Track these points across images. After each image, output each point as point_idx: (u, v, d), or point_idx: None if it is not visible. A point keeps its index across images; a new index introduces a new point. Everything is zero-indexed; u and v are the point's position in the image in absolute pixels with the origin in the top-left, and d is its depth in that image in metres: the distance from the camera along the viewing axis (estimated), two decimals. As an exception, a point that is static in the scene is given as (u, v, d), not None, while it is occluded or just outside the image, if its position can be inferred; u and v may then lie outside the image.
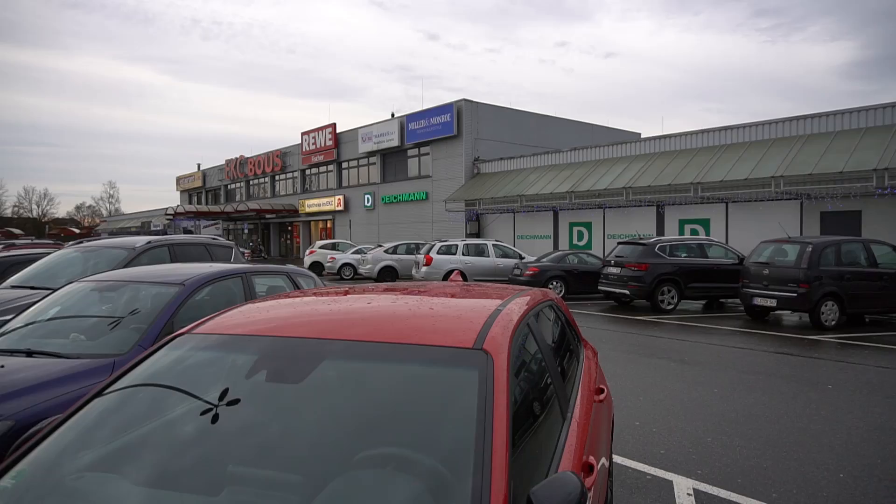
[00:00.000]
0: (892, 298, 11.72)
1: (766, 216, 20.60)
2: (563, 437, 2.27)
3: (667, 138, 24.72)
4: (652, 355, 9.01)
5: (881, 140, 17.93)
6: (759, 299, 11.79)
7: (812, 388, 7.01)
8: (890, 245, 12.32)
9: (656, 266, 13.52)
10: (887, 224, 18.40)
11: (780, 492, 4.19)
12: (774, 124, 21.39)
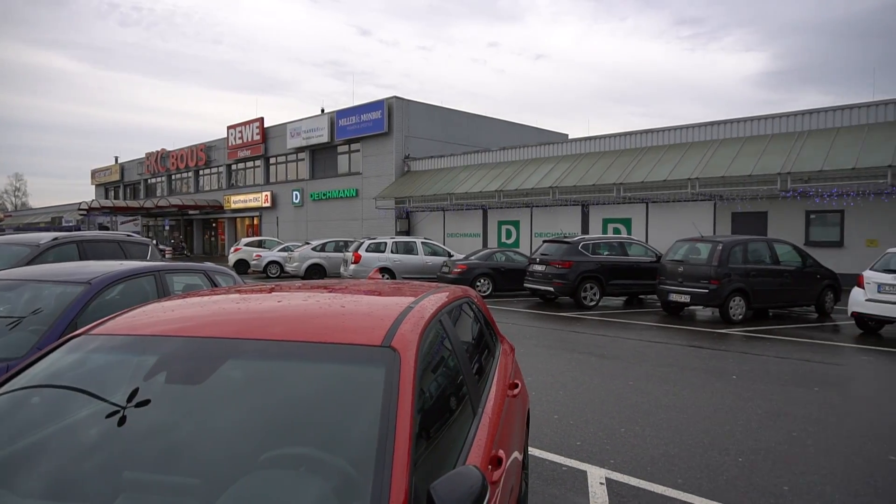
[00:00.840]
0: (793, 294, 12.57)
1: (683, 216, 21.62)
2: (472, 432, 2.32)
3: (592, 140, 25.52)
4: (573, 350, 9.30)
5: (786, 146, 19.17)
6: (674, 295, 12.38)
7: (718, 379, 7.43)
8: (791, 244, 13.19)
9: (579, 264, 13.94)
10: (790, 224, 19.71)
11: (685, 477, 4.42)
12: (692, 129, 22.47)
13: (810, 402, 6.45)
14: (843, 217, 18.85)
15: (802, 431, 5.45)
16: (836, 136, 18.58)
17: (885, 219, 18.14)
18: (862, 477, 4.44)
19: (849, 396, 6.77)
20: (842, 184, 17.57)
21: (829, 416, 5.95)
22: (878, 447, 5.07)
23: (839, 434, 5.40)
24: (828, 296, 12.90)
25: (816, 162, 17.69)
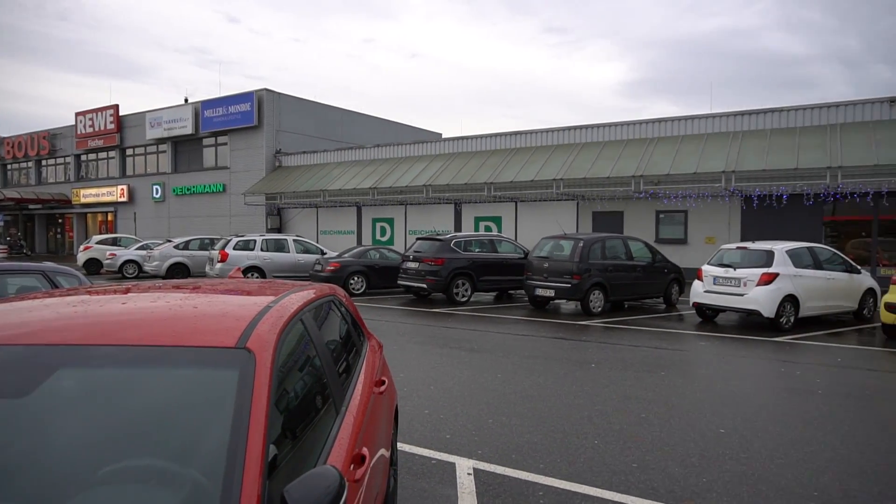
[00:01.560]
0: (645, 287, 13.68)
1: (548, 215, 22.76)
2: (334, 431, 2.29)
3: (465, 140, 26.12)
4: (445, 345, 9.48)
5: (639, 150, 20.76)
6: (540, 290, 13.01)
7: (579, 368, 7.91)
8: (643, 241, 14.34)
9: (452, 261, 14.24)
10: (643, 223, 21.39)
11: (547, 462, 4.66)
12: (557, 132, 23.69)
13: (658, 385, 7.04)
14: (687, 217, 20.77)
15: (650, 413, 5.94)
16: (681, 143, 20.42)
17: (722, 218, 20.23)
18: (697, 450, 4.92)
19: (689, 379, 7.48)
20: (685, 187, 19.34)
21: (672, 397, 6.54)
22: (710, 422, 5.65)
23: (680, 413, 5.94)
24: (674, 288, 14.17)
25: (664, 166, 19.34)
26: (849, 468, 4.59)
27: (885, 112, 18.39)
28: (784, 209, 18.80)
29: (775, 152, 18.18)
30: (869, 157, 16.60)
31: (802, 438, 5.25)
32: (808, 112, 19.45)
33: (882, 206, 18.27)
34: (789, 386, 7.12)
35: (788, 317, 10.79)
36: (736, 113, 20.44)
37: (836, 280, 11.50)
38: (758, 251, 11.21)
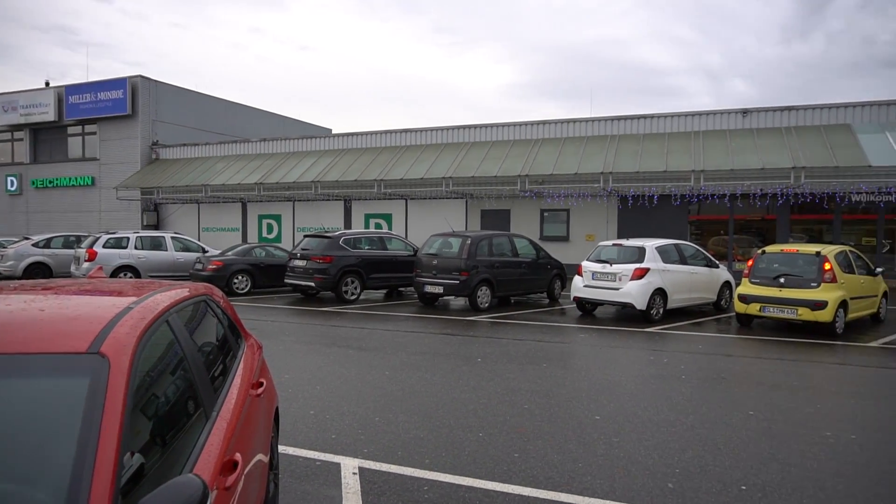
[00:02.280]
0: (530, 283, 14.19)
1: (438, 212, 23.02)
2: (203, 437, 2.18)
3: (356, 136, 25.83)
4: (332, 344, 9.33)
5: (525, 151, 21.49)
6: (429, 287, 13.14)
7: (466, 363, 8.06)
8: (527, 239, 14.87)
9: (340, 258, 14.03)
10: (528, 220, 22.19)
11: (433, 457, 4.71)
12: (447, 130, 24.00)
13: (540, 377, 7.32)
14: (569, 215, 21.80)
15: (533, 403, 6.16)
16: (564, 144, 21.39)
17: (601, 217, 21.42)
18: (574, 437, 5.17)
19: (569, 369, 7.84)
20: (568, 186, 20.27)
21: (553, 387, 6.83)
22: (588, 410, 5.96)
23: (559, 403, 6.22)
24: (556, 283, 14.81)
25: (548, 166, 20.16)
26: (706, 445, 5.01)
27: (739, 122, 20.26)
28: (655, 208, 20.21)
29: (647, 156, 19.49)
30: (726, 162, 18.22)
31: (667, 420, 5.66)
32: (675, 119, 21.02)
33: (737, 206, 20.12)
34: (658, 373, 7.66)
35: (658, 308, 11.62)
36: (613, 118, 21.70)
37: (698, 274, 12.52)
38: (631, 248, 11.97)
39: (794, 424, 5.61)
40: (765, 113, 20.09)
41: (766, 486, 4.24)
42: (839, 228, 19.51)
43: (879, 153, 17.04)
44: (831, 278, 10.06)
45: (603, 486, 4.20)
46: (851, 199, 18.97)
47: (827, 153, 17.48)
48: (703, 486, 4.20)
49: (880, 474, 4.47)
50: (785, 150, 18.14)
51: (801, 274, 10.35)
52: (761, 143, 18.82)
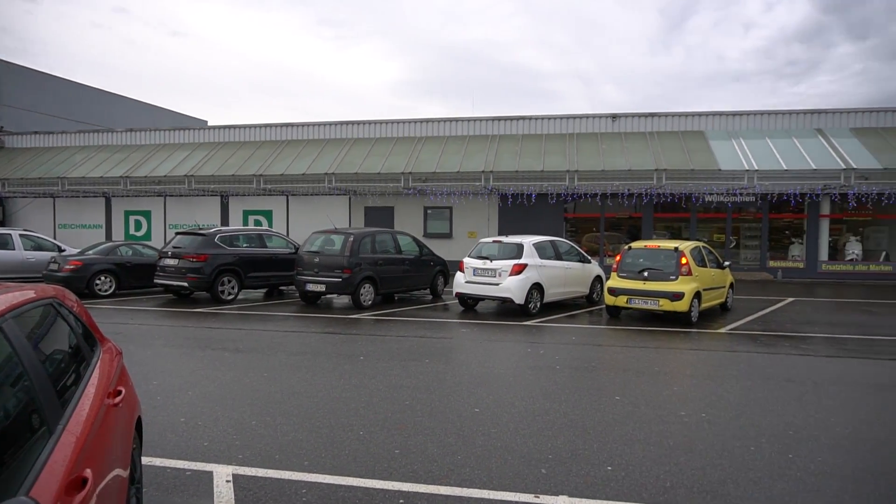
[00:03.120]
0: (413, 280, 14.28)
1: (321, 209, 22.57)
2: (45, 455, 1.98)
3: (234, 129, 24.70)
4: (207, 347, 8.87)
5: (408, 148, 21.58)
6: (311, 285, 12.85)
7: (348, 361, 7.97)
8: (411, 236, 14.95)
9: (216, 257, 13.37)
10: (412, 218, 22.33)
11: (311, 458, 4.61)
12: (330, 126, 23.57)
13: (422, 372, 7.39)
14: (452, 213, 22.19)
15: (414, 399, 6.21)
16: (447, 143, 21.72)
17: (482, 214, 21.99)
18: (454, 430, 5.27)
19: (450, 364, 7.98)
20: (450, 184, 20.60)
21: (434, 382, 6.92)
22: (467, 403, 6.10)
23: (440, 397, 6.31)
24: (439, 280, 15.02)
25: (431, 164, 20.39)
26: (576, 430, 5.30)
27: (609, 126, 21.59)
28: (533, 206, 21.05)
29: (526, 156, 20.26)
30: (598, 163, 19.34)
31: (542, 409, 5.92)
32: (552, 121, 22.01)
33: (607, 205, 21.45)
34: (534, 364, 7.99)
35: (535, 302, 12.11)
36: (494, 118, 22.33)
37: (572, 269, 13.20)
38: (510, 244, 12.38)
39: (654, 407, 6.07)
40: (632, 118, 21.54)
41: (629, 465, 4.55)
42: (695, 226, 21.35)
43: (728, 158, 18.83)
44: (687, 272, 10.98)
45: (481, 476, 4.32)
46: (705, 199, 20.83)
47: (684, 157, 19.05)
48: (573, 470, 4.44)
49: (726, 448, 4.94)
50: (649, 153, 19.56)
51: (661, 268, 11.21)
52: (629, 147, 20.16)
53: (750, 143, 19.55)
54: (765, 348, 9.19)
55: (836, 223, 20.99)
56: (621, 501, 3.95)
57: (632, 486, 4.17)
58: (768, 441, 5.11)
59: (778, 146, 19.24)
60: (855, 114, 20.51)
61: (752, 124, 20.81)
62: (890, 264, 20.32)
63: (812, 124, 20.47)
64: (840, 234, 21.11)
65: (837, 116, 20.52)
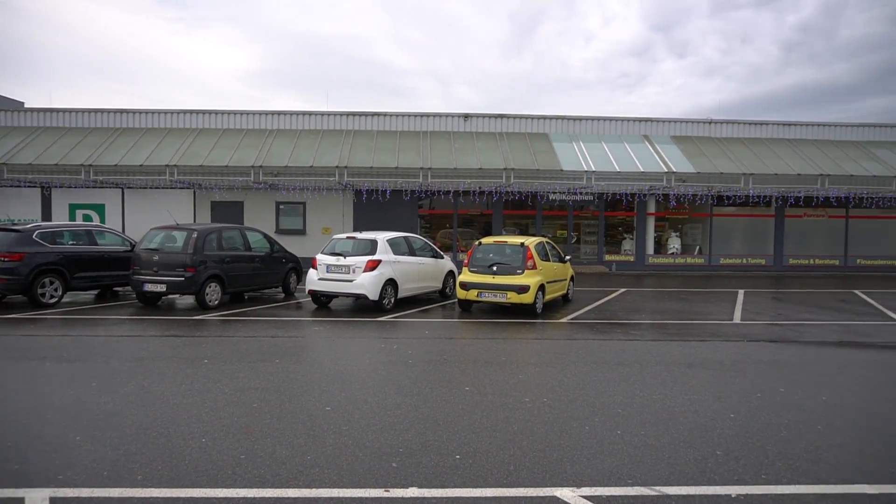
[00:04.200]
0: (264, 277, 13.74)
1: (161, 203, 20.98)
2: None
3: (57, 112, 22.22)
4: (22, 358, 7.89)
5: (259, 141, 20.73)
6: (150, 285, 11.91)
7: (191, 365, 7.49)
8: (261, 232, 14.37)
9: (35, 255, 11.93)
10: (263, 213, 21.51)
11: (146, 472, 4.27)
12: (172, 114, 21.98)
13: (272, 373, 7.14)
14: (306, 208, 21.66)
15: (263, 401, 5.98)
16: (299, 137, 21.14)
17: (337, 210, 21.70)
18: (304, 431, 5.15)
19: (302, 363, 7.79)
20: (304, 179, 20.10)
21: (285, 382, 6.72)
22: (318, 402, 5.99)
23: (291, 398, 6.14)
24: (292, 277, 14.59)
25: (283, 158, 19.74)
26: (427, 423, 5.41)
27: (462, 125, 22.26)
28: (388, 202, 21.15)
29: (381, 152, 20.28)
30: (450, 161, 19.86)
31: (395, 404, 5.98)
32: (406, 119, 22.24)
33: (460, 202, 22.12)
34: (387, 359, 8.04)
35: (390, 298, 12.19)
36: (349, 113, 22.11)
37: (426, 264, 13.44)
38: (364, 240, 12.34)
39: (500, 395, 6.36)
40: (483, 119, 22.37)
41: (476, 452, 4.73)
42: (540, 223, 22.68)
43: (569, 160, 20.21)
44: (532, 266, 11.63)
45: (331, 475, 4.26)
46: (549, 197, 22.20)
47: (530, 157, 20.15)
48: (423, 461, 4.53)
49: (563, 429, 5.30)
50: (499, 153, 20.43)
51: (509, 262, 11.77)
52: (480, 146, 20.92)
53: (588, 147, 21.13)
54: (600, 335, 10.00)
55: (660, 221, 23.35)
56: (468, 488, 4.10)
57: (478, 473, 4.34)
58: (601, 420, 5.56)
59: (612, 150, 20.99)
60: (675, 123, 22.93)
61: (590, 129, 22.50)
62: (703, 257, 23.00)
63: (640, 131, 22.57)
64: (663, 231, 23.51)
65: (661, 125, 22.81)
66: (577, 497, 3.98)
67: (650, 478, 4.30)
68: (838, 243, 23.32)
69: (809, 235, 23.30)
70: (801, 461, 4.67)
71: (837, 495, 4.09)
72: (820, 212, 23.00)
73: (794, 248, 23.19)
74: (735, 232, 23.34)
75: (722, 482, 4.26)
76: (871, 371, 7.83)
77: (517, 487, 4.12)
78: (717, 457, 4.72)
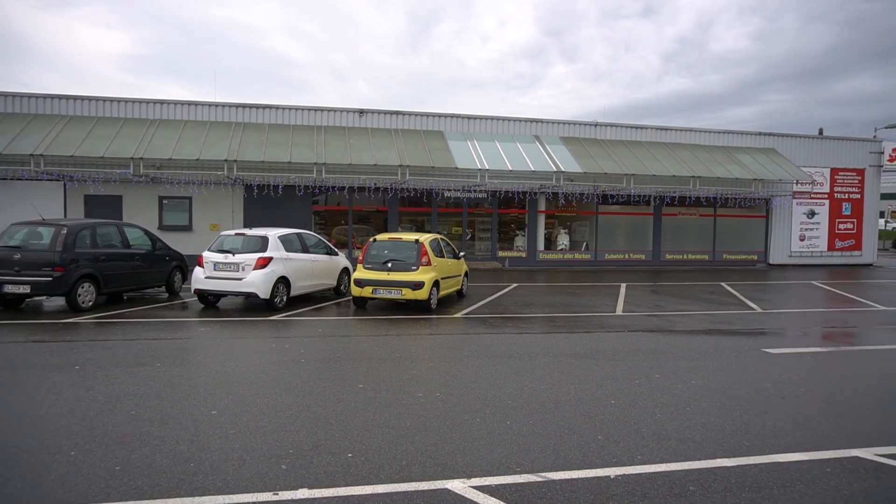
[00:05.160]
0: (145, 276, 12.90)
1: (25, 197, 19.15)
2: None
3: None
4: None
5: (139, 131, 19.41)
6: (11, 287, 10.82)
7: (59, 373, 6.91)
8: (142, 228, 13.49)
9: None
10: (145, 208, 20.20)
11: (3, 491, 3.90)
12: (38, 99, 20.10)
13: (153, 378, 6.73)
14: (192, 203, 20.57)
15: (142, 408, 5.62)
16: (185, 128, 20.00)
17: (226, 206, 20.78)
18: (187, 437, 4.90)
19: (186, 367, 7.40)
20: (190, 173, 19.08)
21: (166, 387, 6.35)
22: (204, 406, 5.72)
23: (172, 403, 5.82)
24: (177, 276, 13.82)
25: (167, 150, 18.60)
26: (319, 422, 5.32)
27: (357, 121, 22.01)
28: (281, 198, 20.54)
29: (273, 146, 19.63)
30: (345, 157, 19.58)
31: (285, 404, 5.82)
32: (300, 112, 21.66)
33: (355, 199, 21.88)
34: (279, 359, 7.81)
35: (282, 296, 11.85)
36: (239, 105, 21.21)
37: (319, 262, 13.19)
38: (254, 237, 11.91)
39: (394, 391, 6.37)
40: (378, 115, 22.23)
41: (368, 450, 4.71)
42: (436, 219, 22.90)
43: (463, 157, 20.54)
44: (427, 262, 11.73)
45: (216, 482, 4.09)
46: (444, 194, 22.46)
47: (426, 155, 20.28)
48: (314, 461, 4.44)
49: (456, 422, 5.40)
50: (394, 149, 20.40)
51: (404, 259, 11.79)
52: (375, 142, 20.79)
53: (482, 145, 21.58)
54: (493, 329, 10.26)
55: (550, 218, 24.30)
56: (360, 485, 4.08)
57: (370, 470, 4.33)
58: (491, 411, 5.71)
59: (505, 149, 21.56)
60: (564, 125, 23.92)
61: (484, 128, 22.98)
62: (589, 253, 24.20)
63: (531, 131, 23.34)
64: (553, 228, 24.50)
65: (551, 126, 23.71)
66: (467, 488, 4.06)
67: (537, 465, 4.48)
68: (708, 240, 25.33)
69: (683, 232, 25.14)
70: (672, 441, 5.04)
71: (702, 470, 4.45)
72: (692, 211, 24.87)
73: (671, 244, 24.94)
74: (618, 229, 24.74)
75: (602, 465, 4.50)
76: (734, 356, 8.58)
77: (409, 482, 4.14)
78: (599, 441, 4.99)
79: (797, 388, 6.89)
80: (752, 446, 4.97)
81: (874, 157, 26.47)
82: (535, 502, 3.89)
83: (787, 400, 6.40)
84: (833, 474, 4.46)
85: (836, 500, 4.05)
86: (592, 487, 4.12)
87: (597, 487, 4.12)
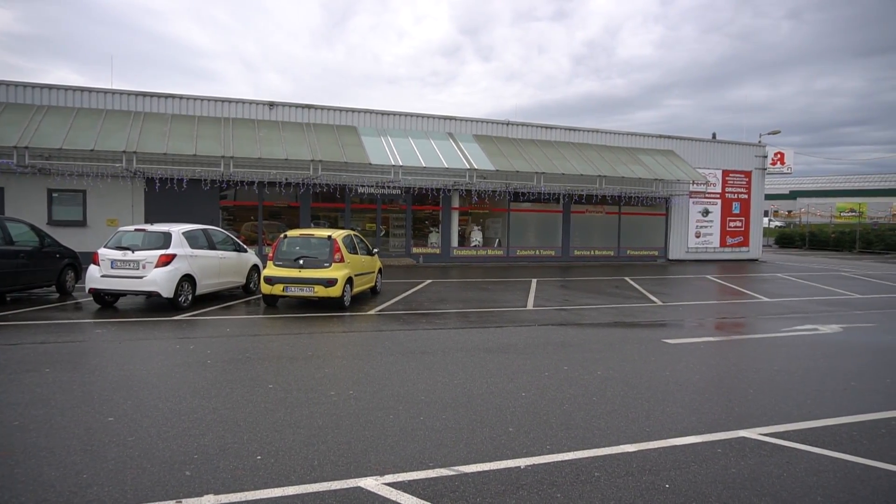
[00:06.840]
0: (31, 275, 11.93)
1: None
2: None
3: None
4: None
5: (24, 118, 17.91)
6: None
7: (-71, 382, 6.28)
8: (28, 224, 12.47)
9: None
10: (32, 202, 18.71)
11: None
12: None
13: (40, 385, 6.24)
14: (86, 197, 19.23)
15: (27, 418, 5.21)
16: (77, 116, 18.65)
17: (125, 200, 19.58)
18: (80, 447, 4.59)
19: (79, 371, 6.92)
20: (83, 164, 17.84)
21: (57, 394, 5.91)
22: (99, 413, 5.37)
23: (63, 410, 5.43)
24: (69, 275, 12.89)
25: (57, 139, 17.28)
26: (226, 425, 5.12)
27: (267, 114, 21.34)
28: (185, 192, 19.59)
29: (176, 138, 18.68)
30: (255, 151, 18.94)
31: (190, 408, 5.57)
32: (206, 103, 20.73)
33: (265, 194, 21.23)
34: (183, 360, 7.46)
35: (186, 295, 11.32)
36: (139, 93, 20.02)
37: (227, 259, 12.70)
38: (156, 233, 11.30)
39: (306, 390, 6.24)
40: (289, 108, 21.66)
41: (278, 451, 4.58)
42: (349, 216, 22.62)
43: (377, 153, 20.39)
44: (340, 259, 11.56)
45: (112, 493, 3.85)
46: (358, 190, 22.22)
47: (339, 150, 19.97)
48: (220, 466, 4.28)
49: (369, 420, 5.35)
50: (306, 144, 19.94)
51: (316, 255, 11.57)
52: (286, 136, 20.24)
53: (396, 141, 21.51)
54: (407, 326, 10.26)
55: (463, 215, 24.58)
56: (269, 488, 3.96)
57: (280, 472, 4.22)
58: (405, 408, 5.71)
59: (418, 146, 21.59)
60: (477, 122, 24.25)
61: (398, 124, 22.91)
62: (502, 249, 24.69)
63: (445, 129, 23.51)
64: (467, 225, 24.80)
65: (464, 124, 23.98)
66: (380, 485, 4.04)
67: (450, 459, 4.52)
68: (613, 236, 26.50)
69: (590, 229, 26.17)
70: (579, 430, 5.24)
71: (606, 456, 4.66)
72: (599, 209, 25.92)
73: (579, 240, 25.88)
74: (529, 226, 25.40)
75: (513, 456, 4.61)
76: (637, 347, 9.02)
77: (321, 482, 4.07)
78: (510, 433, 5.11)
79: (693, 376, 7.34)
80: (652, 432, 5.25)
81: (759, 161, 28.62)
82: (448, 496, 3.92)
83: (683, 387, 6.80)
84: (723, 454, 4.78)
85: (725, 477, 4.35)
86: (503, 478, 4.21)
87: (507, 478, 4.22)
